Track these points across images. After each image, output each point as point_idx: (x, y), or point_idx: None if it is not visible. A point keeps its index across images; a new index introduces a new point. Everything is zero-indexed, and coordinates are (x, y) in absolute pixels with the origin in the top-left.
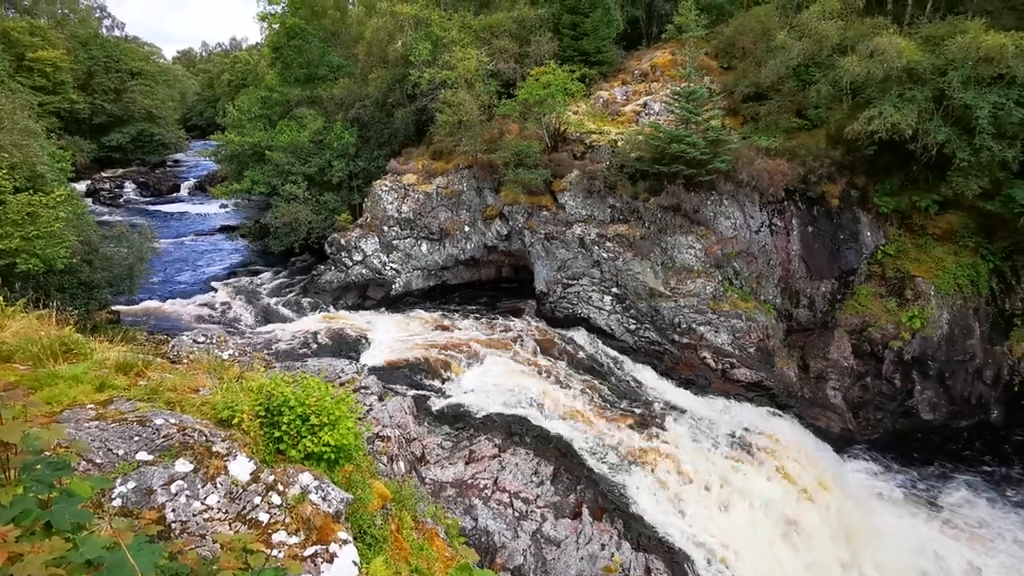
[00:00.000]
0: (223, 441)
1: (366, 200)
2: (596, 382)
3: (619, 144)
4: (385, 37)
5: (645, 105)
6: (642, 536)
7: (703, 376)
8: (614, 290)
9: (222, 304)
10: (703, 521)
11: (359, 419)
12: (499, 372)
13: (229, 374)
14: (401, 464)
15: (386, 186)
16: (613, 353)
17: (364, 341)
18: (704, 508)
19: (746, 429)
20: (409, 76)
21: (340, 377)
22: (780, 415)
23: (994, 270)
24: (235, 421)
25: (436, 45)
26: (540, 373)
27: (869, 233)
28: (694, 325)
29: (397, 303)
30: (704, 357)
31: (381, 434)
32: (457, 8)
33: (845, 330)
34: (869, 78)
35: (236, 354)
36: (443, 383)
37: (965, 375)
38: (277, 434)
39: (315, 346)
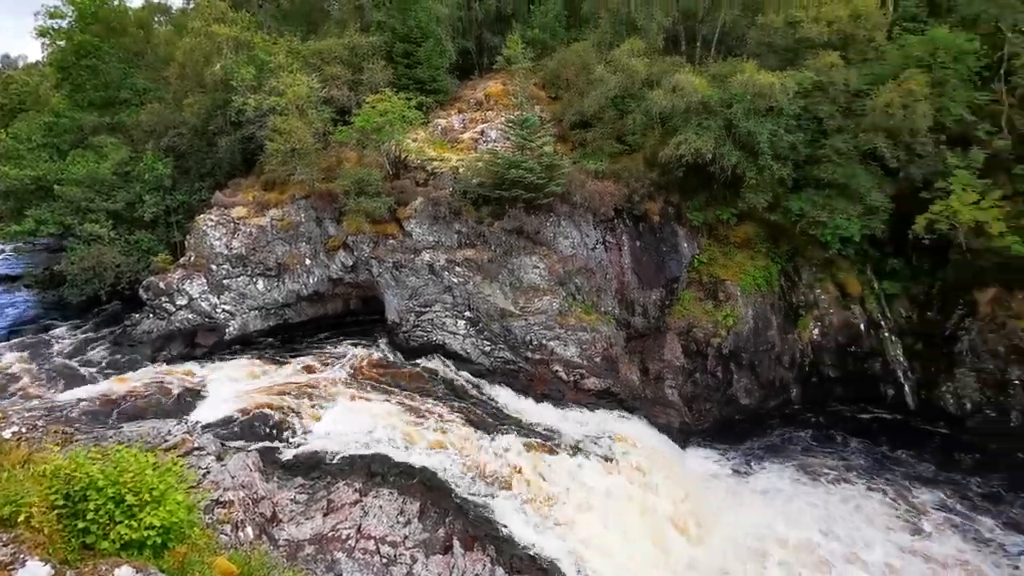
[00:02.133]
0: (4, 546)
1: (188, 237)
2: (456, 408)
3: (461, 171)
4: (201, 59)
5: (483, 132)
6: (515, 558)
7: (557, 389)
8: (467, 314)
9: (1, 371)
10: (570, 529)
11: (192, 488)
12: (354, 411)
13: (11, 458)
14: (249, 530)
15: (212, 220)
16: (471, 377)
17: (196, 395)
18: (569, 516)
19: (600, 435)
20: (232, 102)
21: (166, 441)
22: (628, 417)
23: (782, 270)
24: (21, 519)
25: (261, 69)
26: (398, 406)
27: (686, 244)
28: (544, 341)
29: (233, 348)
30: (556, 371)
31: (222, 499)
32: (282, 32)
33: (675, 333)
34: (674, 109)
35: (23, 431)
36: (293, 430)
37: (769, 362)
38: (82, 525)
39: (133, 408)
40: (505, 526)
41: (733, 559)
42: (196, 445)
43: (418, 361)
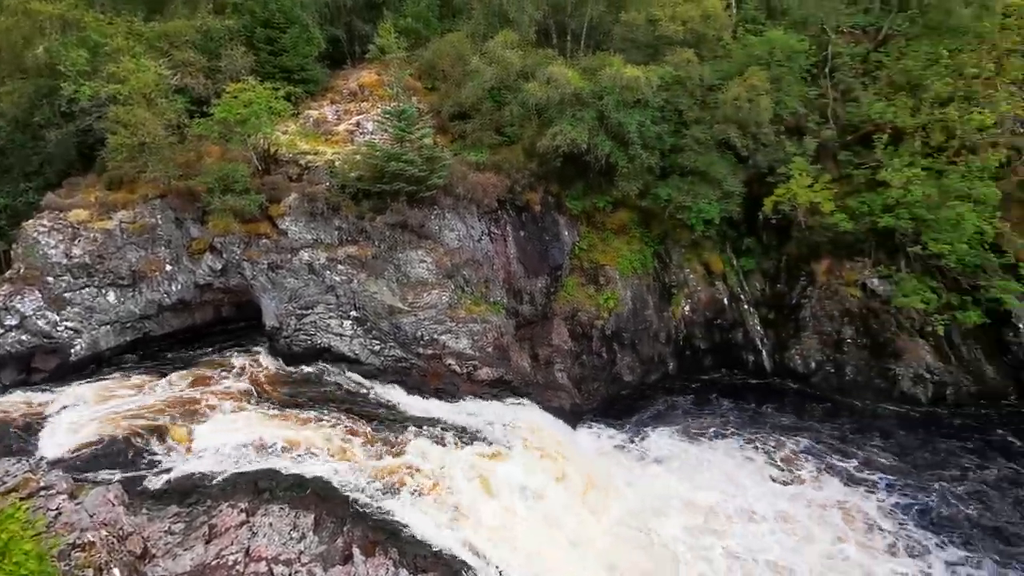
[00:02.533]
0: None
1: (15, 246)
2: (348, 412)
3: (337, 164)
4: (19, 40)
5: (358, 124)
6: (418, 557)
7: (451, 383)
8: (353, 313)
9: None
10: (471, 521)
11: (42, 533)
12: (233, 425)
13: None
14: (116, 571)
15: (45, 226)
16: (361, 379)
17: (39, 427)
18: (470, 508)
19: (496, 423)
20: (61, 89)
21: (4, 484)
22: (522, 404)
23: (655, 253)
24: None
25: (95, 53)
26: (284, 416)
27: (567, 232)
28: (436, 335)
29: (83, 370)
30: (449, 364)
31: (81, 542)
32: (119, 11)
33: (561, 318)
34: (549, 101)
35: None
36: (163, 454)
37: (648, 339)
38: None
39: None
40: (406, 526)
41: (633, 527)
42: (42, 484)
43: (303, 367)
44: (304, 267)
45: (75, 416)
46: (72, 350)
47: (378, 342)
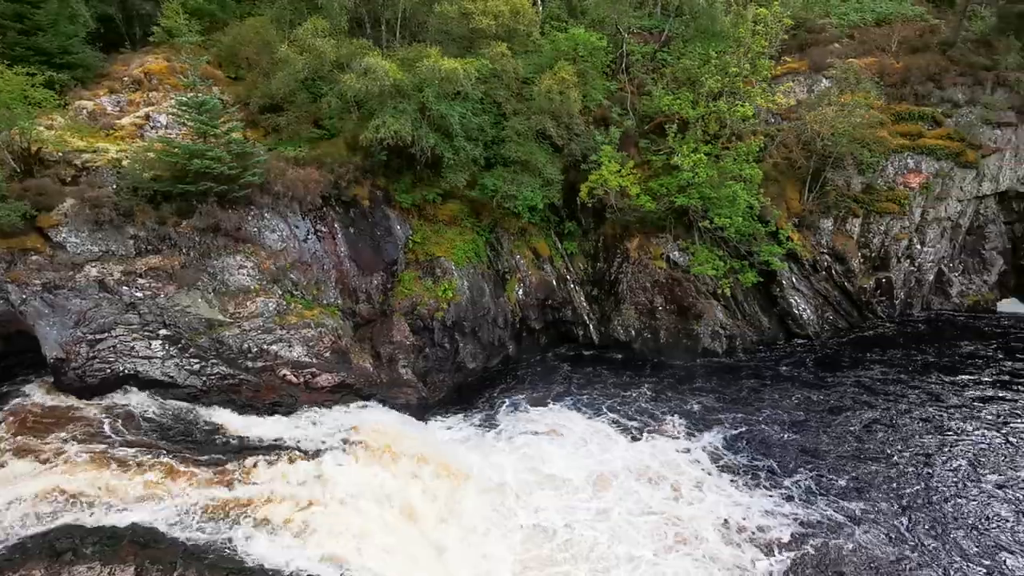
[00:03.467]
0: None
1: None
2: (167, 444)
3: (126, 163)
4: None
5: (148, 117)
6: None
7: (288, 395)
8: (163, 332)
9: None
10: (326, 534)
11: None
12: (13, 479)
13: None
14: None
15: None
16: (181, 404)
17: None
18: (322, 523)
19: (341, 430)
20: None
21: None
22: (367, 405)
23: (487, 242)
24: None
25: None
26: (82, 458)
27: (399, 227)
28: (265, 346)
29: None
30: (284, 375)
31: None
32: None
33: (401, 314)
34: (368, 93)
35: None
36: None
37: (487, 325)
38: None
39: None
40: (249, 554)
41: (493, 509)
42: None
43: (103, 399)
44: (93, 284)
45: None
46: None
47: (197, 360)
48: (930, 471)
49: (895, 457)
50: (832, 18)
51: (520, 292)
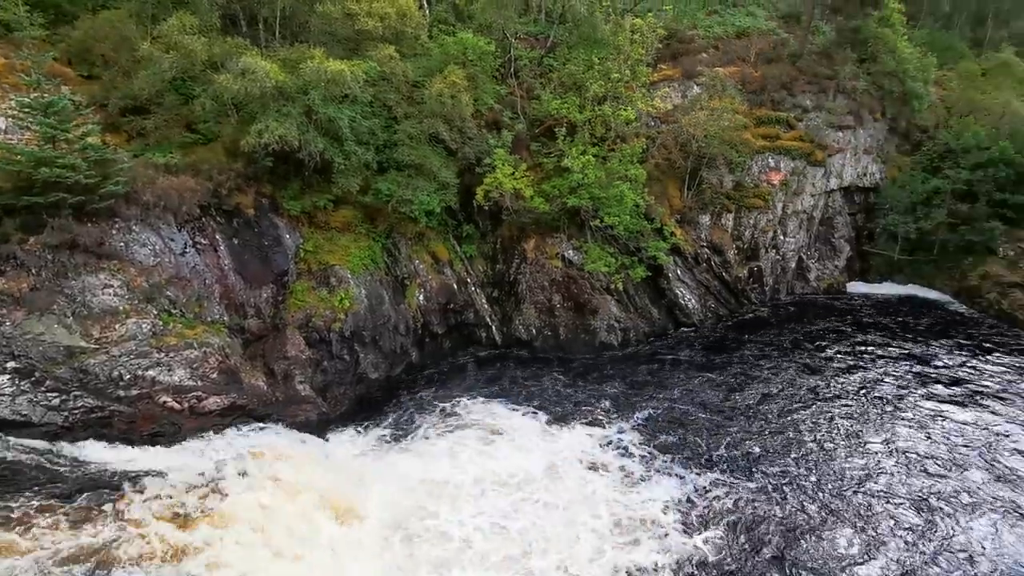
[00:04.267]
0: None
1: None
2: (24, 492)
3: None
4: None
5: None
6: None
7: (170, 423)
8: (11, 364)
9: None
10: (223, 572)
11: None
12: None
13: None
14: None
15: None
16: (39, 444)
17: None
18: (218, 558)
19: (234, 456)
20: None
21: None
22: (263, 427)
23: (383, 247)
24: None
25: None
26: None
27: (288, 235)
28: (140, 372)
29: None
30: (165, 402)
31: None
32: None
33: (295, 327)
34: (248, 95)
35: None
36: None
37: (388, 333)
38: None
39: None
40: None
41: (399, 521)
42: None
43: None
44: None
45: None
46: None
47: (57, 394)
48: (819, 432)
49: (788, 423)
50: (699, 30)
51: (421, 297)
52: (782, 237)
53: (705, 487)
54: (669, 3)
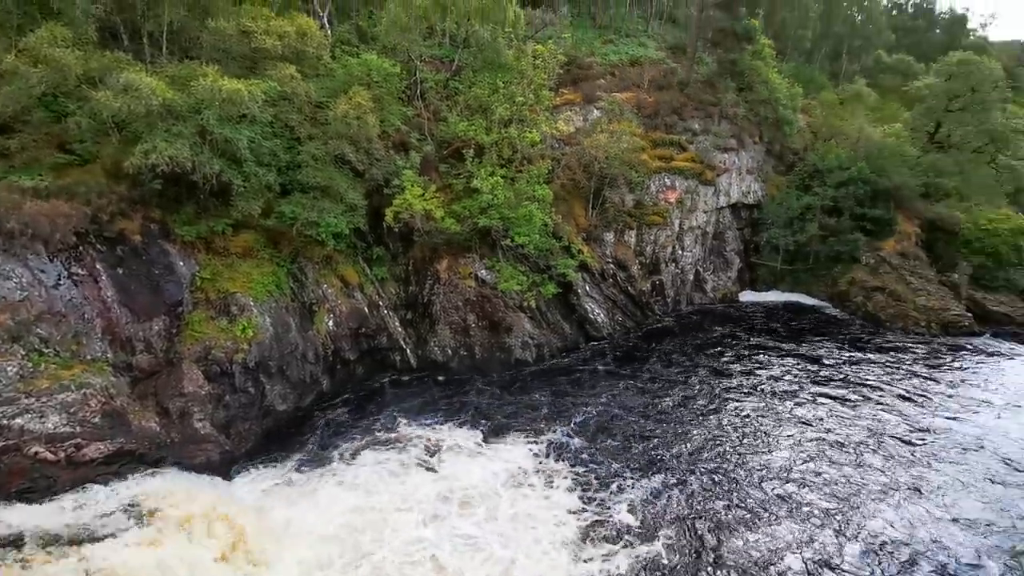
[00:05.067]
0: None
1: None
2: None
3: None
4: None
5: None
6: None
7: (44, 476)
8: None
9: None
10: None
11: None
12: None
13: None
14: None
15: None
16: None
17: None
18: None
19: (123, 507)
20: None
21: None
22: (156, 472)
23: (289, 273)
24: None
25: None
26: None
27: (182, 263)
28: (5, 421)
29: None
30: (36, 453)
31: None
32: None
33: (192, 360)
34: (132, 113)
35: None
36: None
37: (296, 362)
38: None
39: None
40: None
41: (316, 565)
42: None
43: None
44: None
45: None
46: None
47: None
48: (735, 429)
49: (706, 422)
50: (597, 57)
51: (331, 323)
52: (680, 252)
53: (650, 490)
54: (568, 31)
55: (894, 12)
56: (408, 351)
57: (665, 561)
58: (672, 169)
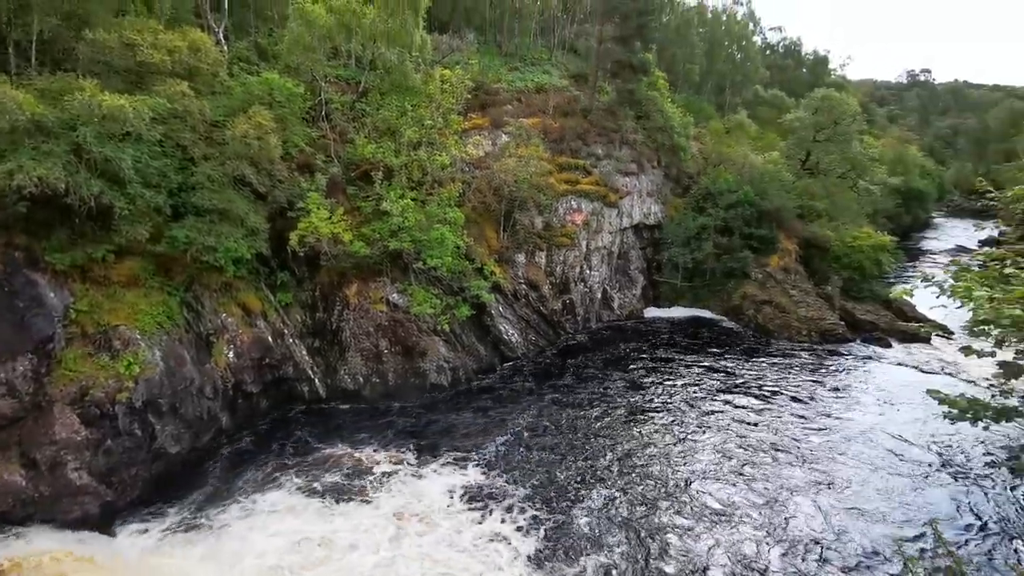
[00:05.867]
0: None
1: None
2: None
3: None
4: None
5: None
6: None
7: None
8: None
9: None
10: None
11: None
12: None
13: None
14: None
15: None
16: None
17: None
18: None
19: None
20: None
21: None
22: (21, 532)
23: (182, 302)
24: None
25: None
26: None
27: (53, 294)
28: None
29: None
30: None
31: None
32: None
33: (65, 403)
34: None
35: None
36: None
37: (192, 399)
38: None
39: None
40: None
41: None
42: None
43: None
44: None
45: None
46: None
47: None
48: (655, 440)
49: (627, 434)
50: (503, 83)
51: (231, 354)
52: (588, 271)
53: (585, 507)
54: (475, 58)
55: (768, 52)
56: (316, 381)
57: (616, 572)
58: (578, 192)
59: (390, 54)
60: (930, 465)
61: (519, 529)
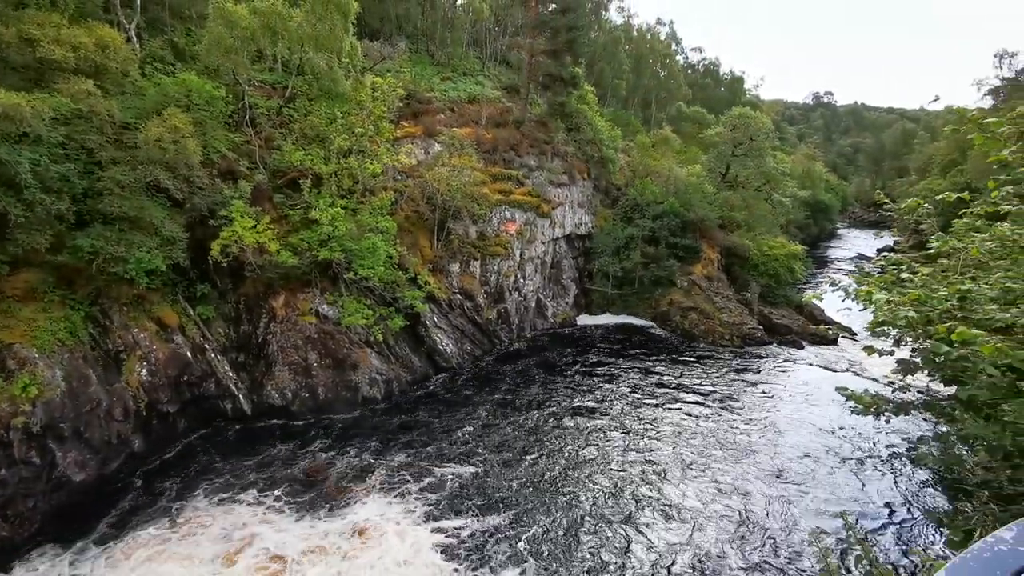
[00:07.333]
0: None
1: None
2: None
3: None
4: None
5: None
6: None
7: None
8: None
9: None
10: None
11: None
12: None
13: None
14: None
15: None
16: None
17: None
18: None
19: None
20: None
21: None
22: None
23: (87, 316)
24: None
25: None
26: None
27: None
28: None
29: None
30: None
31: None
32: None
33: None
34: None
35: None
36: None
37: (98, 422)
38: None
39: None
40: None
41: None
42: None
43: None
44: None
45: None
46: None
47: None
48: (598, 443)
49: (568, 440)
50: (436, 93)
51: (143, 372)
52: (522, 280)
53: (534, 517)
54: (407, 66)
55: (690, 71)
56: (241, 397)
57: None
58: (512, 202)
59: (318, 59)
60: (843, 458)
61: (442, 553)
